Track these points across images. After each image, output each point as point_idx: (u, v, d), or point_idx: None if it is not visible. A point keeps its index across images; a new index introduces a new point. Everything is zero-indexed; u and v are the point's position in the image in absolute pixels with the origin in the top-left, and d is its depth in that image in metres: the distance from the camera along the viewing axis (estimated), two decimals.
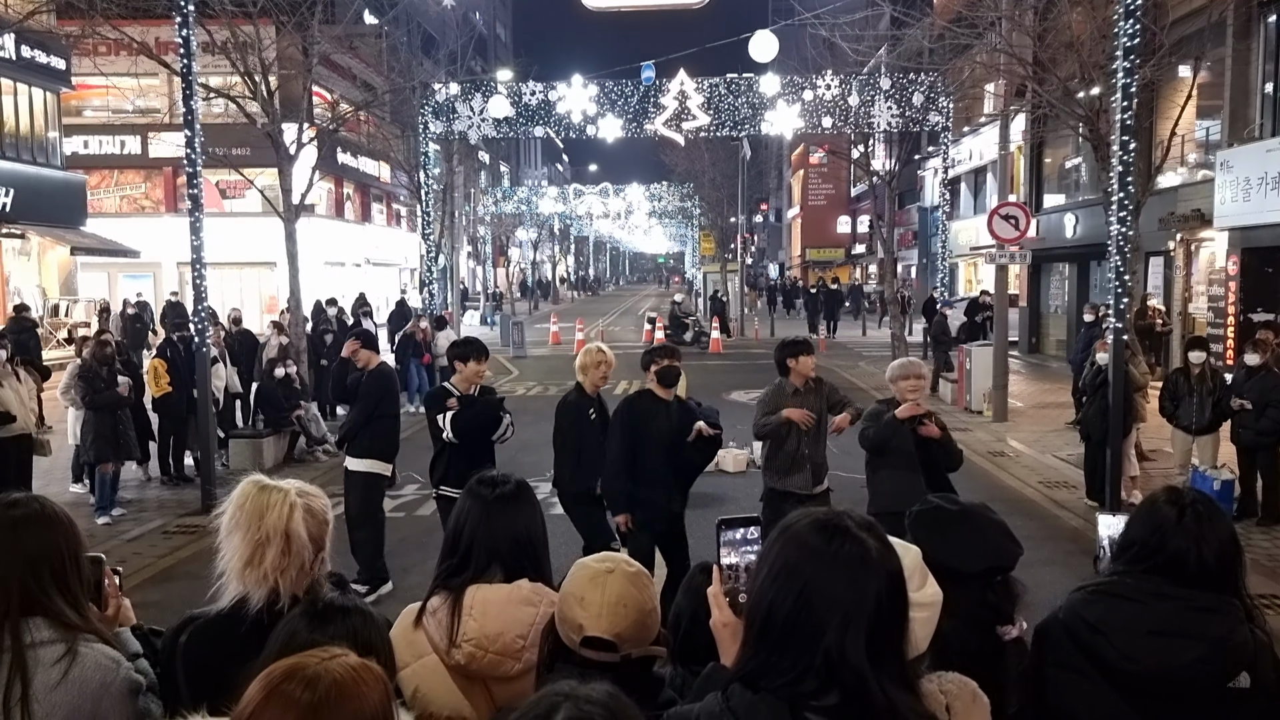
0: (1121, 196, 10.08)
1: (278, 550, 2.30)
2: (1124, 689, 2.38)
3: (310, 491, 2.48)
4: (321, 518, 2.45)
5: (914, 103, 20.64)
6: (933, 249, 27.65)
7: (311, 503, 2.43)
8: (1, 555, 2.31)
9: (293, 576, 2.32)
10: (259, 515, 2.33)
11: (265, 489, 2.39)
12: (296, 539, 2.32)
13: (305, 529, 2.35)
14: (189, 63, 10.64)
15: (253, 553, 2.30)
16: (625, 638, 2.15)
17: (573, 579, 2.23)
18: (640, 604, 2.19)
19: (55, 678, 2.25)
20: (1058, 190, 28.24)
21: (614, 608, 2.15)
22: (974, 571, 2.40)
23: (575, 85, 21.44)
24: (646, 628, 2.20)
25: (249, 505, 2.35)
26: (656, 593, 2.29)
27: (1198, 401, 10.09)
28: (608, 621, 2.14)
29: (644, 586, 2.23)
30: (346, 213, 40.96)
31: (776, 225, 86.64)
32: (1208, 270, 18.99)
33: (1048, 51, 14.44)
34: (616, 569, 2.21)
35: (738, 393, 19.09)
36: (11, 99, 26.13)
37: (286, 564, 2.31)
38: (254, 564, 2.30)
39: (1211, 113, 18.78)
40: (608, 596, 2.16)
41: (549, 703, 1.39)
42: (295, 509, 2.35)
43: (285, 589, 2.31)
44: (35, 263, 27.63)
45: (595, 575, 2.19)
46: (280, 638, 1.99)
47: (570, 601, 2.18)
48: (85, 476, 11.13)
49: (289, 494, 2.39)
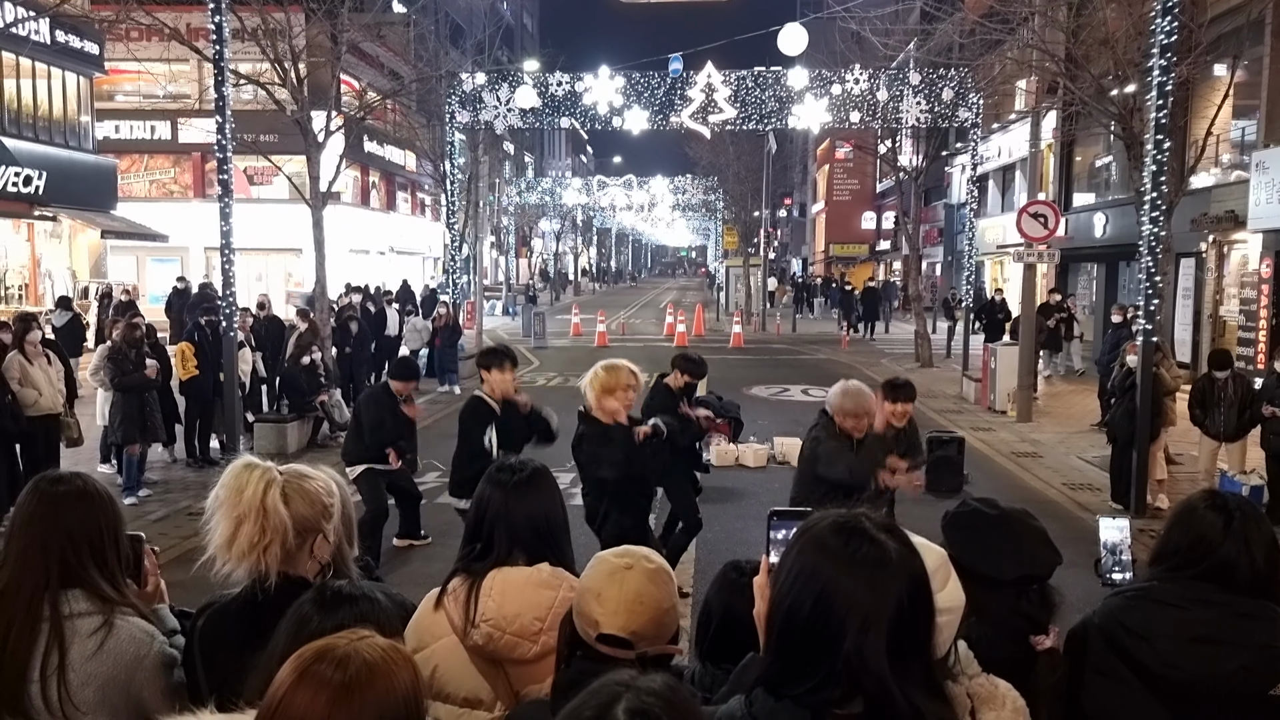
0: (1154, 197, 9.98)
1: (255, 526, 2.30)
2: (1165, 696, 2.35)
3: (308, 474, 2.46)
4: (315, 499, 2.41)
5: (943, 99, 20.45)
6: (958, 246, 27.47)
7: (305, 484, 2.42)
8: (43, 529, 2.37)
9: (276, 553, 2.32)
10: (238, 491, 2.34)
11: (249, 467, 2.39)
12: (274, 514, 2.31)
13: (285, 507, 2.34)
14: (222, 49, 10.70)
15: (233, 530, 2.32)
16: (641, 635, 2.12)
17: (592, 573, 2.21)
18: (658, 602, 2.16)
19: (91, 648, 2.31)
20: (1087, 189, 28.00)
21: (631, 605, 2.12)
22: (1007, 579, 2.37)
23: (602, 77, 21.40)
24: (664, 625, 2.17)
25: (231, 482, 2.37)
26: (676, 590, 2.26)
27: (1225, 410, 10.04)
28: (624, 619, 2.11)
29: (663, 584, 2.20)
30: (372, 201, 41.11)
31: (800, 220, 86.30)
32: (1239, 273, 18.77)
33: (1081, 48, 14.32)
34: (635, 565, 2.18)
35: (758, 388, 19.07)
36: (45, 83, 26.36)
37: (266, 541, 2.31)
38: (234, 540, 2.32)
39: (1247, 112, 18.55)
40: (625, 593, 2.13)
41: (610, 693, 1.39)
42: (272, 485, 2.35)
43: (270, 565, 2.31)
44: (66, 245, 27.87)
45: (614, 571, 2.17)
46: (291, 624, 2.00)
47: (588, 596, 2.16)
48: (113, 457, 11.25)
49: (269, 471, 2.38)
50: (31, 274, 26.65)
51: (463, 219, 25.76)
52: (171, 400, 11.89)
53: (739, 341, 29.22)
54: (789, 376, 21.12)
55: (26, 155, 24.64)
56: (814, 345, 29.90)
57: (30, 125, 25.76)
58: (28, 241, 26.57)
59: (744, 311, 36.49)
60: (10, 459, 9.42)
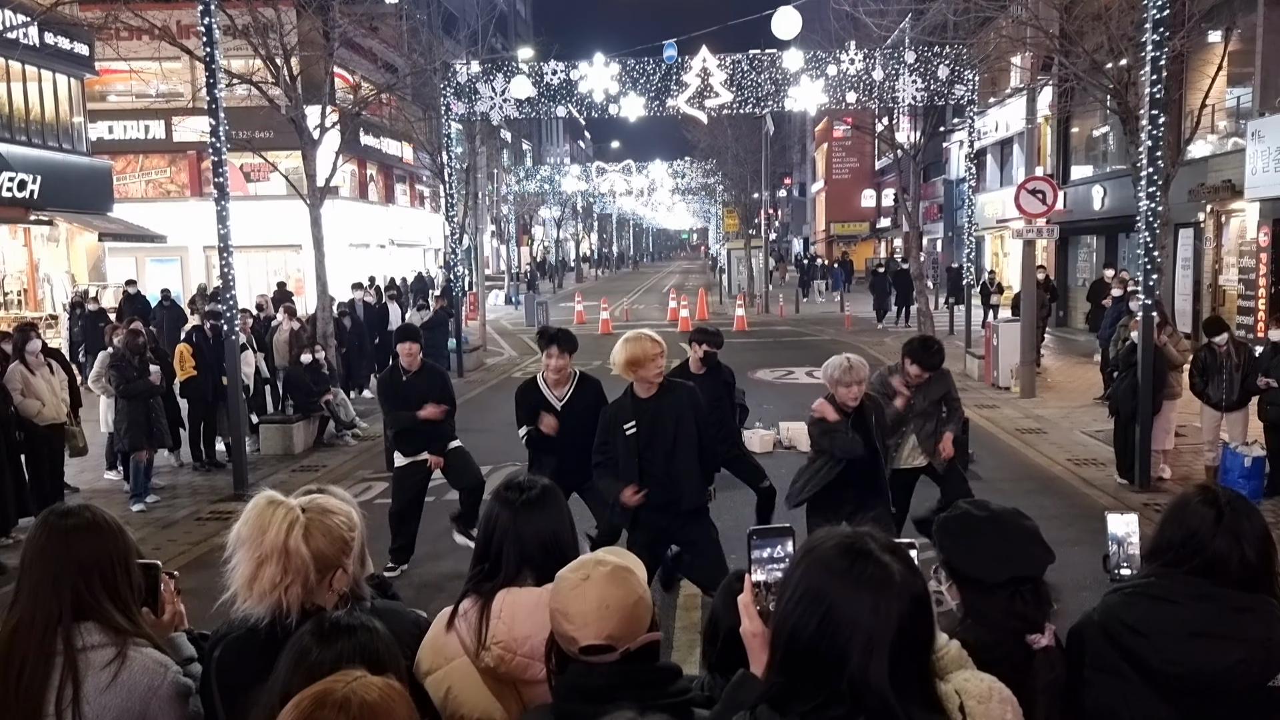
0: (1151, 172, 9.95)
1: (277, 568, 2.31)
2: (1165, 691, 2.37)
3: (331, 509, 2.46)
4: (337, 535, 2.42)
5: (939, 76, 20.33)
6: (959, 222, 27.33)
7: (328, 520, 2.41)
8: (55, 563, 2.38)
9: (297, 593, 2.33)
10: (261, 531, 2.34)
11: (272, 504, 2.39)
12: (296, 556, 2.32)
13: (307, 547, 2.34)
14: (212, 51, 10.66)
15: (254, 570, 2.33)
16: (618, 636, 2.15)
17: (554, 593, 2.23)
18: (622, 600, 2.17)
19: (105, 680, 2.32)
20: (1085, 161, 27.91)
21: (598, 613, 2.15)
22: (998, 581, 2.39)
23: (597, 64, 21.30)
24: (636, 620, 2.19)
25: (254, 520, 2.37)
26: (641, 579, 2.26)
27: (1227, 377, 9.94)
28: (595, 628, 2.14)
29: (624, 580, 2.21)
30: (370, 194, 41.02)
31: (801, 200, 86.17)
32: (1238, 242, 18.73)
33: (1074, 23, 14.25)
34: (591, 574, 2.20)
35: (763, 371, 19.07)
36: (36, 85, 26.28)
37: (288, 581, 2.32)
38: (255, 580, 2.33)
39: (1242, 80, 18.46)
40: (589, 604, 2.15)
41: None
42: (295, 526, 2.34)
43: (291, 604, 2.32)
44: (64, 249, 27.82)
45: (573, 586, 2.19)
46: (290, 656, 2.02)
47: (557, 617, 2.19)
48: (119, 464, 11.28)
49: (293, 510, 2.38)
50: (30, 279, 26.64)
51: (462, 210, 25.70)
52: (175, 404, 11.92)
53: (742, 325, 29.21)
54: (793, 359, 21.11)
55: (20, 160, 24.59)
56: (818, 326, 29.89)
57: (23, 129, 25.68)
58: (25, 247, 26.54)
59: (747, 294, 36.44)
60: (16, 469, 9.44)
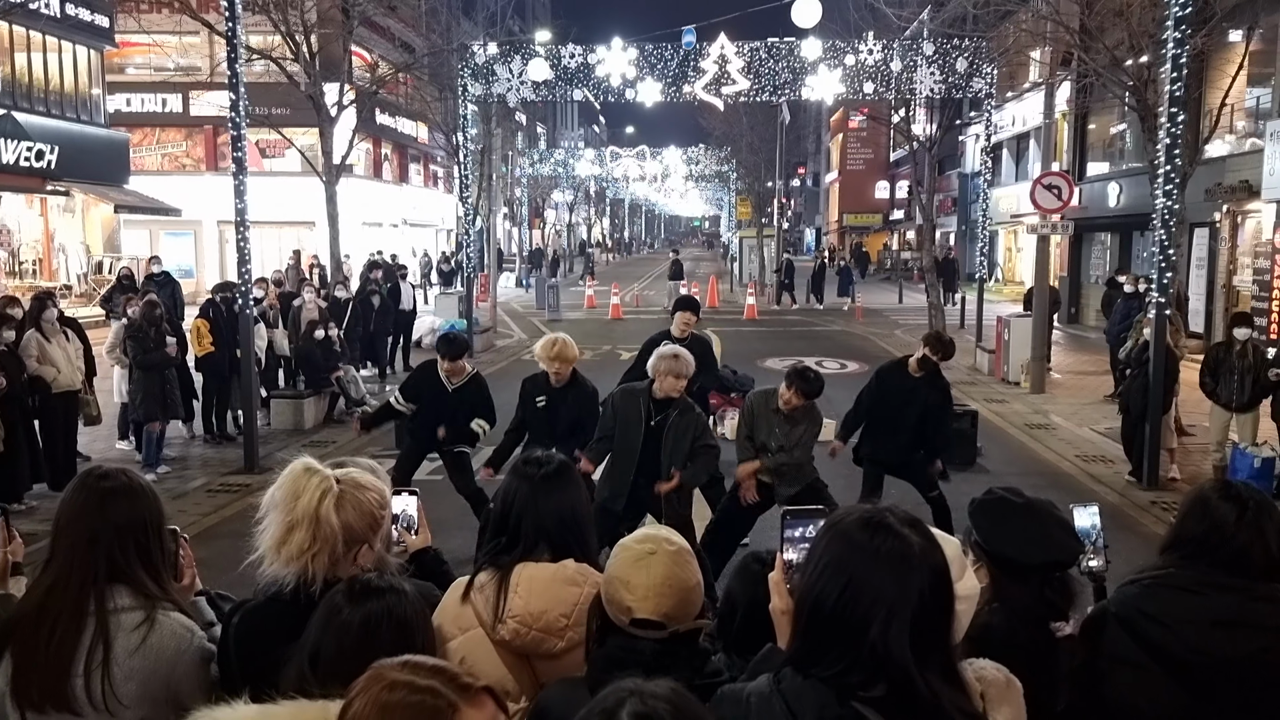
0: (1168, 170, 9.92)
1: (306, 534, 2.33)
2: (1186, 680, 2.41)
3: (365, 485, 2.46)
4: (367, 510, 2.43)
5: (957, 69, 20.24)
6: (973, 216, 27.30)
7: (360, 495, 2.43)
8: (91, 524, 2.41)
9: (324, 562, 2.35)
10: (295, 497, 2.37)
11: (309, 471, 2.41)
12: (326, 524, 2.34)
13: (337, 517, 2.36)
14: (234, 26, 10.68)
15: (284, 534, 2.35)
16: (672, 616, 2.19)
17: (616, 562, 2.26)
18: (684, 582, 2.23)
19: (134, 643, 2.36)
20: (1101, 158, 27.79)
21: (659, 589, 2.19)
22: (1033, 564, 2.44)
23: (615, 48, 21.24)
24: (691, 604, 2.24)
25: (288, 485, 2.39)
26: (698, 567, 2.32)
27: (1238, 378, 9.89)
28: (654, 603, 2.18)
29: (685, 564, 2.26)
30: (384, 173, 41.07)
31: (814, 190, 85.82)
32: (1253, 243, 18.66)
33: (1095, 18, 14.18)
34: (659, 550, 2.24)
35: (773, 360, 19.08)
36: (56, 56, 26.35)
37: (315, 549, 2.34)
38: (284, 544, 2.36)
39: (1262, 81, 18.36)
40: (653, 579, 2.19)
41: (615, 698, 1.44)
42: (328, 496, 2.36)
43: (317, 572, 2.35)
44: (80, 220, 27.94)
45: (639, 558, 2.23)
46: (321, 614, 2.08)
47: (616, 584, 2.22)
48: (131, 434, 11.37)
49: (327, 480, 2.39)
50: (45, 249, 26.77)
51: (476, 192, 25.73)
52: (189, 377, 11.99)
53: (753, 313, 29.21)
54: (804, 349, 21.11)
55: (38, 130, 24.69)
56: (828, 316, 29.87)
57: (41, 99, 25.79)
58: (41, 216, 26.67)
59: (758, 283, 36.39)
60: (30, 435, 9.52)
